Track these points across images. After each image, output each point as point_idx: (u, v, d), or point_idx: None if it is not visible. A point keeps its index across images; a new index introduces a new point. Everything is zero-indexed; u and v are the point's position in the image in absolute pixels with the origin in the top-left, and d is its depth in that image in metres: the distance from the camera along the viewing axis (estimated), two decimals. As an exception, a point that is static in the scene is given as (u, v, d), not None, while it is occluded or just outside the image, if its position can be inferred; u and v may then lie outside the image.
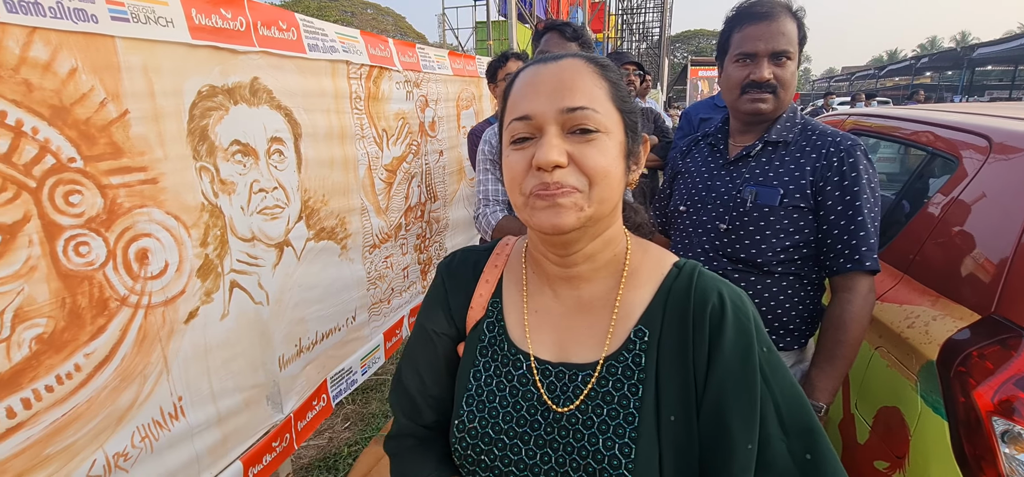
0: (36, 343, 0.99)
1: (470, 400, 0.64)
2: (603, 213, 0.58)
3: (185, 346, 1.28)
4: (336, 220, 1.85)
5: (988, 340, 1.01)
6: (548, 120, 0.56)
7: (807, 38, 1.17)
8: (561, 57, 0.60)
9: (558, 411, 0.60)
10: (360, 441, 2.38)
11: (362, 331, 2.08)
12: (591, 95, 0.57)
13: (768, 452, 0.55)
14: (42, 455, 1.01)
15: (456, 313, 0.70)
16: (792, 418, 0.56)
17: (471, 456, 0.63)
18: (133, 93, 1.12)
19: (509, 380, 0.63)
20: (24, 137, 0.94)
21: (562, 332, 0.64)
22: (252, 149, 1.45)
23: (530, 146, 0.57)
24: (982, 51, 16.15)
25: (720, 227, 1.19)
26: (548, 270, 0.65)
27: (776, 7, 1.13)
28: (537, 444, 0.60)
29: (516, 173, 0.58)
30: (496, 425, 0.62)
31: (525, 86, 0.59)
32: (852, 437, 1.31)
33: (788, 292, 1.17)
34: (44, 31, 0.96)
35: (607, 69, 0.60)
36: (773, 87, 1.14)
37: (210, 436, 1.38)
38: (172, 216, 1.22)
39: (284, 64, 1.55)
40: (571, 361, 0.62)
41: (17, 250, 0.94)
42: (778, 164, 1.17)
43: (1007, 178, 1.18)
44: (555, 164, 0.54)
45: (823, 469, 0.55)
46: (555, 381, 0.62)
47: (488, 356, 0.66)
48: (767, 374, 0.57)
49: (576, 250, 0.61)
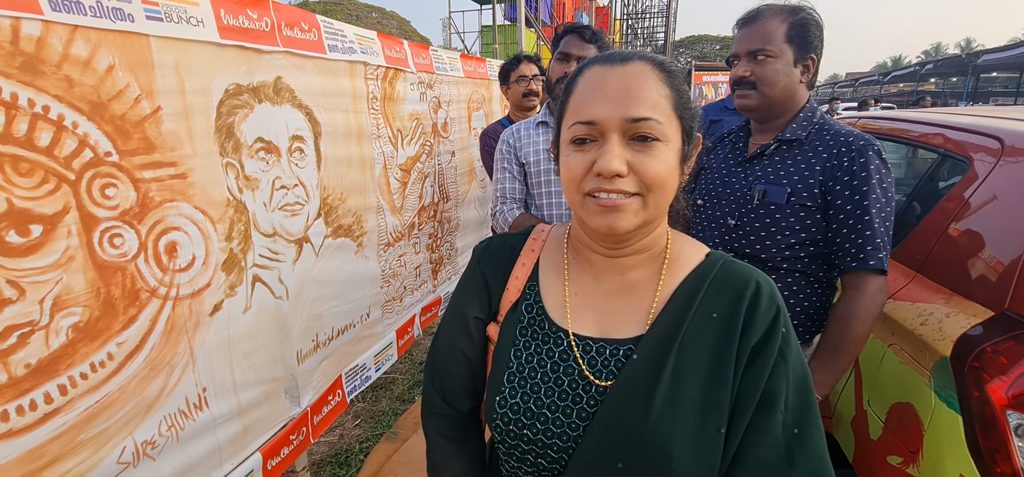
0: (73, 331, 1.01)
1: (511, 377, 0.66)
2: (656, 215, 0.62)
3: (210, 338, 1.31)
4: (353, 218, 1.88)
5: (1002, 336, 1.03)
6: (612, 128, 0.58)
7: (814, 35, 1.17)
8: (628, 58, 0.60)
9: (600, 385, 0.62)
10: (371, 438, 2.40)
11: (376, 328, 2.11)
12: (656, 104, 0.58)
13: (769, 420, 0.59)
14: (76, 441, 1.04)
15: (494, 294, 0.72)
16: (795, 396, 0.61)
17: (514, 430, 0.65)
18: (165, 90, 1.15)
19: (550, 357, 0.66)
20: (65, 131, 0.98)
21: (603, 312, 0.66)
22: (275, 146, 1.48)
23: (591, 149, 0.59)
24: (987, 58, 16.12)
25: (729, 223, 1.23)
26: (593, 258, 0.68)
27: (762, 10, 1.19)
28: (579, 417, 0.62)
29: (576, 173, 0.60)
30: (538, 399, 0.64)
31: (592, 89, 0.60)
32: (865, 433, 1.33)
33: (793, 288, 1.19)
34: (85, 29, 0.99)
35: (673, 75, 0.61)
36: (752, 83, 1.19)
37: (231, 427, 1.40)
38: (200, 210, 1.26)
39: (306, 64, 1.59)
40: (612, 337, 0.64)
41: (57, 240, 0.97)
42: (789, 163, 1.19)
43: (1019, 178, 1.20)
44: (616, 174, 0.57)
45: (808, 445, 0.60)
46: (596, 356, 0.64)
47: (528, 335, 0.68)
48: (785, 352, 0.61)
49: (628, 245, 0.64)
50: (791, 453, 0.59)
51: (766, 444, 0.59)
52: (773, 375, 0.60)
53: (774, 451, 0.59)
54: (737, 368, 0.60)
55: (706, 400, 0.59)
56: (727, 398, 0.60)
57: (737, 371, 0.60)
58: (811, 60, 1.19)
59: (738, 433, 0.59)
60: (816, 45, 1.19)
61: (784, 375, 0.60)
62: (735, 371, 0.60)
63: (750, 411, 0.59)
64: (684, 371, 0.60)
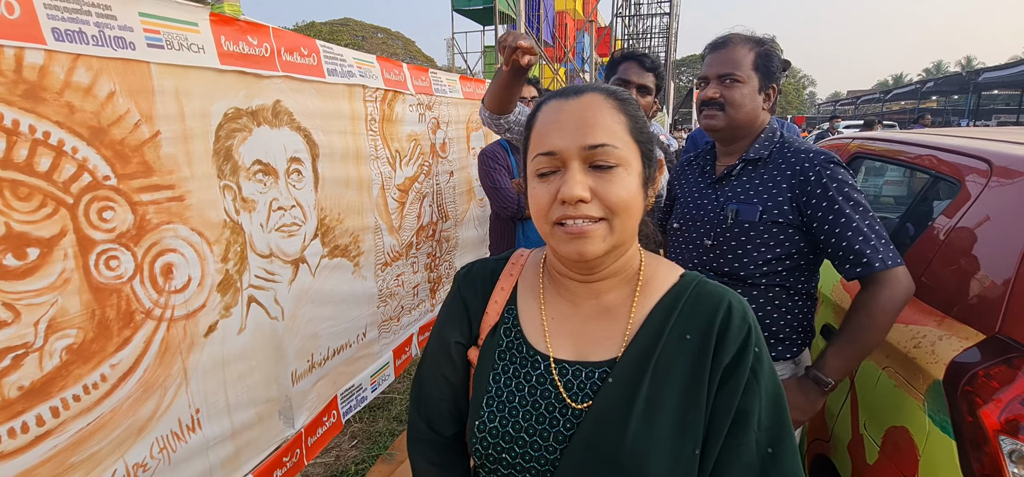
0: (66, 353, 1.03)
1: (490, 401, 0.67)
2: (624, 239, 0.63)
3: (204, 359, 1.32)
4: (350, 238, 1.90)
5: (994, 359, 1.02)
6: (571, 156, 0.60)
7: (776, 65, 1.26)
8: (582, 91, 0.63)
9: (577, 407, 0.63)
10: (367, 459, 2.38)
11: (372, 348, 2.11)
12: (611, 131, 0.61)
13: (742, 440, 0.60)
14: (67, 464, 1.04)
15: (474, 318, 0.73)
16: (768, 415, 0.61)
17: (492, 454, 0.65)
18: (165, 115, 1.18)
19: (528, 380, 0.66)
20: (65, 156, 1.00)
21: (580, 335, 0.67)
22: (273, 168, 1.51)
23: (555, 179, 0.61)
24: (987, 75, 16.21)
25: (706, 243, 1.26)
26: (568, 284, 0.69)
27: (731, 38, 1.26)
28: (557, 440, 0.63)
29: (542, 204, 0.62)
30: (516, 423, 0.64)
31: (549, 122, 0.63)
32: (862, 458, 1.31)
33: (775, 302, 1.22)
34: (87, 58, 1.02)
35: (626, 103, 0.64)
36: (721, 104, 1.24)
37: (224, 449, 1.40)
38: (196, 232, 1.27)
39: (304, 88, 1.62)
40: (589, 359, 0.65)
41: (53, 263, 0.99)
42: (757, 181, 1.23)
43: (1008, 200, 1.20)
44: (579, 199, 0.59)
45: (782, 465, 0.60)
46: (572, 379, 0.65)
47: (507, 359, 0.69)
48: (757, 371, 0.62)
49: (599, 270, 0.66)
50: (765, 473, 0.60)
51: (740, 464, 0.59)
52: (746, 395, 0.60)
53: (749, 471, 0.59)
54: (710, 388, 0.61)
55: (681, 421, 0.60)
56: (701, 419, 0.60)
57: (710, 391, 0.61)
58: (772, 89, 1.27)
59: (713, 454, 0.60)
60: (777, 76, 1.27)
61: (756, 394, 0.61)
62: (708, 392, 0.61)
63: (723, 431, 0.60)
64: (659, 393, 0.61)
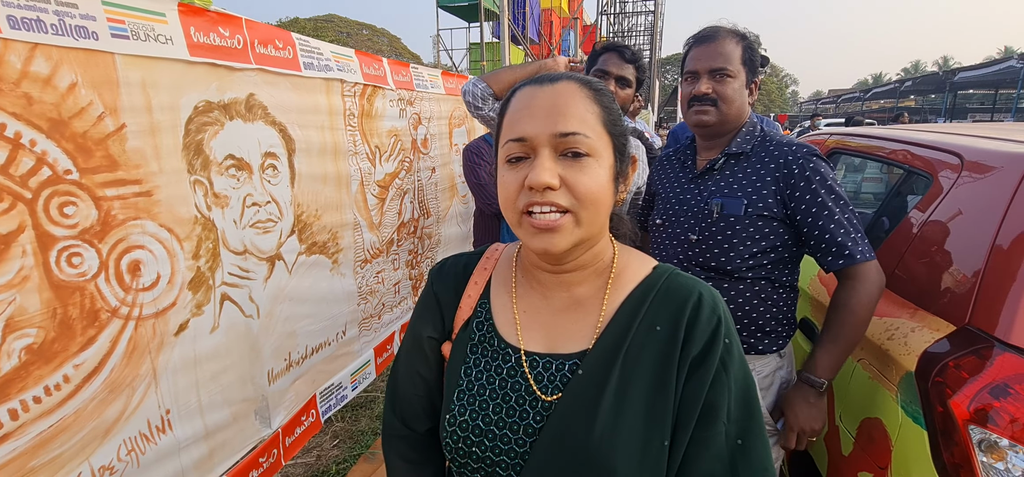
0: (25, 353, 0.99)
1: (461, 395, 0.66)
2: (592, 233, 0.62)
3: (174, 358, 1.28)
4: (328, 235, 1.87)
5: (963, 350, 1.04)
6: (541, 143, 0.59)
7: (760, 60, 1.26)
8: (557, 79, 0.62)
9: (547, 400, 0.62)
10: (349, 459, 2.35)
11: (352, 346, 2.08)
12: (583, 120, 0.59)
13: (711, 432, 0.59)
14: (27, 468, 1.01)
15: (446, 313, 0.72)
16: (737, 407, 0.61)
17: (463, 449, 0.64)
18: (131, 108, 1.14)
19: (499, 373, 0.66)
20: (22, 149, 0.96)
21: (551, 328, 0.66)
22: (246, 163, 1.47)
23: (524, 166, 0.60)
24: (963, 75, 16.59)
25: (691, 237, 1.26)
26: (540, 276, 0.68)
27: (719, 31, 1.24)
28: (526, 433, 0.62)
29: (511, 191, 0.61)
30: (486, 416, 0.64)
31: (521, 108, 0.62)
32: (837, 449, 1.33)
33: (761, 296, 1.22)
34: (45, 47, 0.98)
35: (600, 93, 0.63)
36: (713, 100, 1.23)
37: (197, 450, 1.37)
38: (165, 228, 1.24)
39: (279, 81, 1.59)
40: (559, 352, 0.64)
41: (10, 260, 0.95)
42: (740, 175, 1.24)
43: (978, 194, 1.23)
44: (546, 185, 0.57)
45: (751, 456, 0.60)
46: (542, 372, 0.64)
47: (478, 352, 0.68)
48: (726, 363, 0.61)
49: (568, 262, 0.65)
50: (734, 465, 0.59)
51: (709, 456, 0.59)
52: (714, 386, 0.60)
53: (718, 463, 0.59)
54: (678, 380, 0.60)
55: (650, 413, 0.59)
56: (669, 411, 0.60)
57: (678, 383, 0.60)
58: (755, 83, 1.27)
59: (681, 445, 0.59)
60: (759, 71, 1.27)
61: (725, 386, 0.60)
62: (676, 383, 0.60)
63: (692, 423, 0.59)
64: (629, 385, 0.60)
